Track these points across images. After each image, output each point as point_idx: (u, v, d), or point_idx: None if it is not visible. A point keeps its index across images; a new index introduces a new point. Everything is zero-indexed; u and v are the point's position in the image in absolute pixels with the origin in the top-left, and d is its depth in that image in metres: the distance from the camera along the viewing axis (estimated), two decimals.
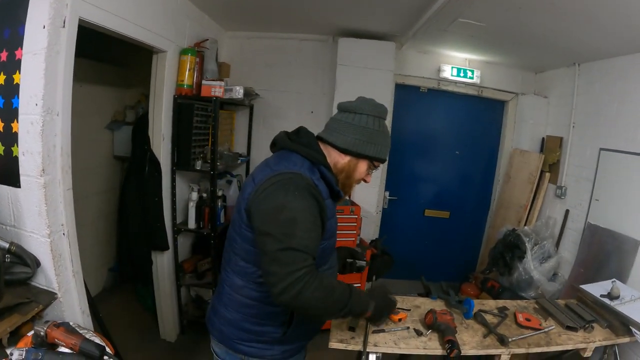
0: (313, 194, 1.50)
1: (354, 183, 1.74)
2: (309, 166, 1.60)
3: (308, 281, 1.38)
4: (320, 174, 1.61)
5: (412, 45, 4.14)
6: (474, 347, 2.04)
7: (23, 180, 1.95)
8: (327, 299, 1.45)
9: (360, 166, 1.70)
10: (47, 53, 1.85)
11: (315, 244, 1.50)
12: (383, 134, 1.69)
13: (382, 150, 1.70)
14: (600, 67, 3.49)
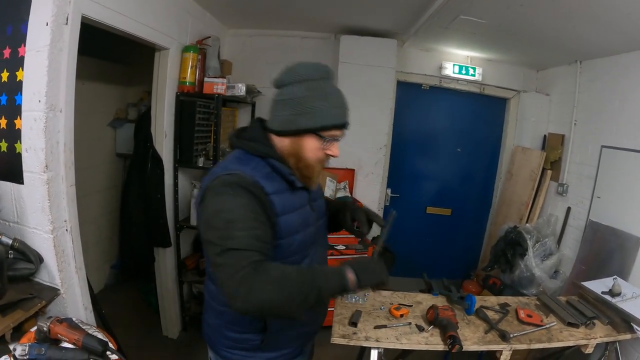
0: (251, 191, 1.37)
1: (313, 164, 1.51)
2: (258, 162, 1.47)
3: (254, 279, 1.23)
4: (271, 168, 1.47)
5: (413, 42, 4.14)
6: (475, 343, 2.04)
7: (26, 176, 1.96)
8: (284, 289, 1.26)
9: (306, 144, 1.47)
10: (50, 50, 1.85)
11: (263, 239, 1.34)
12: (318, 96, 1.43)
13: (323, 115, 1.43)
14: (602, 64, 3.49)
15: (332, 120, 1.45)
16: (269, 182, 1.43)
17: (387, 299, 2.44)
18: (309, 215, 1.61)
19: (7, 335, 1.73)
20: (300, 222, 1.54)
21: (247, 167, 1.43)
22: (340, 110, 1.48)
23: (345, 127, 1.50)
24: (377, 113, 4.18)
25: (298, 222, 1.53)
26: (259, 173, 1.43)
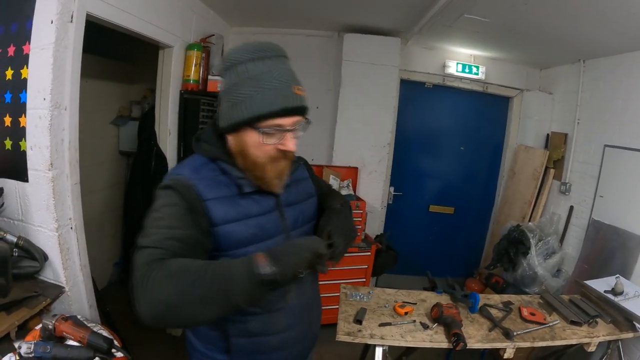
0: (183, 195, 1.22)
1: (262, 162, 1.29)
2: (206, 165, 1.33)
3: (150, 276, 1.04)
4: (221, 171, 1.32)
5: (417, 41, 4.14)
6: (479, 341, 2.05)
7: (31, 174, 1.96)
8: (179, 283, 1.04)
9: (247, 140, 1.27)
10: (55, 48, 1.85)
11: (181, 239, 1.16)
12: (247, 81, 1.22)
13: (253, 103, 1.21)
14: (605, 63, 3.49)
15: (266, 108, 1.21)
16: (211, 187, 1.27)
17: (391, 296, 2.45)
18: (276, 223, 1.39)
19: (12, 333, 1.73)
20: (257, 232, 1.33)
21: (190, 171, 1.30)
22: (277, 93, 1.22)
23: (291, 112, 1.24)
24: (380, 111, 4.19)
25: (251, 231, 1.31)
26: (201, 177, 1.28)
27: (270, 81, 1.22)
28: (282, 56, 1.30)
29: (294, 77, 1.29)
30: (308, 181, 1.61)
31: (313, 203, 1.59)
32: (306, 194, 1.55)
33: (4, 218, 2.05)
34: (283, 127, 1.25)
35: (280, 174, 1.34)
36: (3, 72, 1.96)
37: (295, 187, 1.49)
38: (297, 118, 1.28)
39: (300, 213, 1.49)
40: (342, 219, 1.50)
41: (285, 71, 1.26)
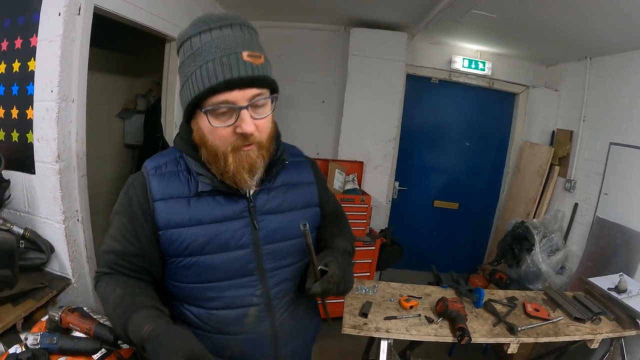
0: (131, 195, 1.17)
1: (222, 151, 1.09)
2: (173, 158, 1.21)
3: (96, 286, 1.20)
4: (186, 165, 1.18)
5: (423, 36, 4.14)
6: (484, 336, 2.06)
7: (38, 166, 1.96)
8: (107, 311, 1.15)
9: (200, 124, 1.11)
10: (63, 40, 1.84)
11: (118, 253, 1.17)
12: (190, 58, 1.06)
13: (193, 81, 1.04)
14: (612, 61, 3.48)
15: (204, 83, 1.02)
16: (166, 186, 1.16)
17: (396, 290, 2.46)
18: (243, 232, 1.19)
19: (18, 324, 1.74)
20: (210, 240, 1.16)
21: (154, 165, 1.19)
22: (218, 63, 1.02)
23: (239, 84, 1.03)
24: (386, 106, 4.19)
25: (201, 239, 1.16)
26: (161, 173, 1.17)
27: (211, 51, 1.03)
28: (236, 24, 1.07)
29: (247, 43, 1.06)
30: (311, 187, 1.37)
31: (311, 215, 1.34)
32: (302, 202, 1.32)
33: (11, 210, 2.05)
34: (232, 103, 1.04)
35: (250, 166, 1.12)
36: (10, 64, 1.95)
37: (285, 192, 1.28)
38: (252, 91, 1.05)
39: (282, 225, 1.25)
40: (348, 265, 1.30)
41: (233, 38, 1.04)
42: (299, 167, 1.36)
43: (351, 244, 1.47)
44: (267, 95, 1.10)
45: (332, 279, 1.19)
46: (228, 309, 1.21)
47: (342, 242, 1.39)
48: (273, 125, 1.20)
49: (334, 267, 1.20)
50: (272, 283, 1.25)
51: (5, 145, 2.00)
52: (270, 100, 1.13)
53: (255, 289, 1.22)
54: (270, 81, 1.10)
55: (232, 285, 1.20)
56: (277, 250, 1.24)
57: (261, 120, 1.11)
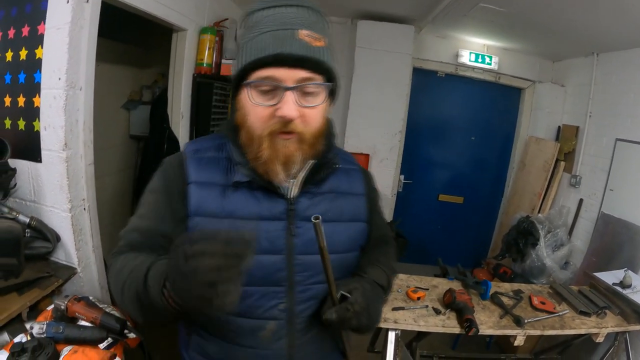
0: (168, 174, 1.10)
1: (258, 134, 0.98)
2: (214, 142, 1.13)
3: (109, 270, 1.04)
4: (227, 152, 1.09)
5: (431, 29, 4.13)
6: (490, 327, 2.07)
7: (44, 154, 1.95)
8: (119, 285, 0.98)
9: (243, 101, 1.01)
10: (71, 28, 1.84)
11: (144, 231, 1.06)
12: (248, 30, 0.99)
13: (246, 52, 0.96)
14: (618, 57, 3.47)
15: (253, 55, 0.94)
16: (203, 169, 1.07)
17: (403, 282, 2.47)
18: (278, 236, 1.06)
19: (23, 313, 1.74)
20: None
21: (194, 148, 1.12)
22: (271, 36, 0.93)
23: (290, 62, 0.93)
24: (392, 99, 4.18)
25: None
26: (200, 156, 1.09)
27: (268, 24, 0.95)
28: (304, 6, 0.99)
29: (308, 23, 0.96)
30: (360, 200, 1.21)
31: (356, 231, 1.19)
32: (348, 214, 1.16)
33: (17, 199, 2.05)
34: (278, 81, 0.94)
35: (285, 158, 0.99)
36: (17, 52, 1.95)
37: (332, 200, 1.13)
38: (302, 73, 0.94)
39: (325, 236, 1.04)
40: (376, 298, 1.12)
41: (295, 15, 0.96)
42: (350, 176, 1.21)
43: (388, 278, 1.25)
44: (319, 82, 0.98)
45: (353, 307, 0.99)
46: (245, 317, 1.07)
47: (377, 272, 1.19)
48: (325, 121, 1.07)
49: (358, 295, 1.02)
50: (299, 299, 1.09)
51: (12, 134, 2.00)
52: (324, 90, 1.01)
53: (280, 301, 1.07)
54: (326, 68, 0.98)
55: (254, 293, 1.05)
56: (311, 263, 1.07)
57: (308, 109, 0.98)
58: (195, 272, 0.71)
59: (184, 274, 0.74)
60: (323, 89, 1.00)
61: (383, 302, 1.20)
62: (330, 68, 0.99)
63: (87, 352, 1.58)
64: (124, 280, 0.95)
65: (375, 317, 1.09)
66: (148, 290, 0.87)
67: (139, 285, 0.89)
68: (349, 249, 1.16)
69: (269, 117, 0.96)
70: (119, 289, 0.97)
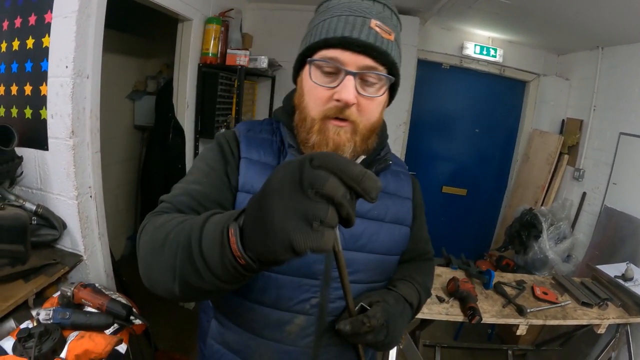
0: (222, 145, 1.05)
1: (311, 115, 0.96)
2: (268, 125, 1.12)
3: (142, 230, 0.87)
4: (281, 135, 1.08)
5: (436, 21, 4.10)
6: (493, 316, 2.08)
7: (51, 142, 1.97)
8: (156, 241, 0.79)
9: (303, 80, 1.00)
10: (78, 16, 1.85)
11: (196, 196, 0.95)
12: (321, 12, 1.00)
13: (315, 33, 0.96)
14: (623, 51, 3.46)
15: (321, 34, 0.93)
16: (254, 148, 1.04)
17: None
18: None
19: (29, 300, 1.75)
20: None
21: (247, 127, 1.10)
22: (342, 20, 0.92)
23: (355, 48, 0.90)
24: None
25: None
26: (252, 135, 1.07)
27: (341, 9, 0.94)
28: (379, 1, 0.99)
29: (382, 17, 0.95)
30: (406, 204, 1.16)
31: (399, 234, 1.13)
32: (393, 216, 1.11)
33: (23, 187, 2.07)
34: (340, 63, 0.91)
35: (335, 147, 0.95)
36: (24, 41, 1.96)
37: (380, 198, 1.00)
38: (366, 60, 0.92)
39: (366, 233, 1.05)
40: (399, 315, 1.03)
41: (368, 6, 0.95)
42: (399, 178, 1.17)
43: (420, 298, 1.16)
44: (382, 73, 0.94)
45: (370, 321, 0.91)
46: (273, 307, 1.01)
47: (408, 289, 1.11)
48: (380, 117, 1.03)
49: (378, 310, 0.95)
50: (334, 296, 1.02)
51: (19, 122, 2.01)
52: (385, 84, 0.97)
53: (313, 295, 1.01)
54: (391, 61, 0.95)
55: (287, 283, 0.99)
56: (351, 259, 1.01)
57: (367, 99, 0.95)
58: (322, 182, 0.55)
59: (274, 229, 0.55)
60: (384, 82, 0.96)
61: (407, 320, 1.11)
62: (395, 62, 0.96)
63: (93, 337, 1.59)
64: (167, 231, 0.77)
65: (395, 335, 0.99)
66: (203, 237, 0.68)
67: (193, 232, 0.70)
68: (389, 251, 1.11)
69: (326, 99, 0.94)
70: (158, 244, 0.77)
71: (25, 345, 1.47)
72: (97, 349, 1.55)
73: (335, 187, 0.55)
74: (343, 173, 0.56)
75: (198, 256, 0.68)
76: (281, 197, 0.57)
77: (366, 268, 1.06)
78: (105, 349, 1.56)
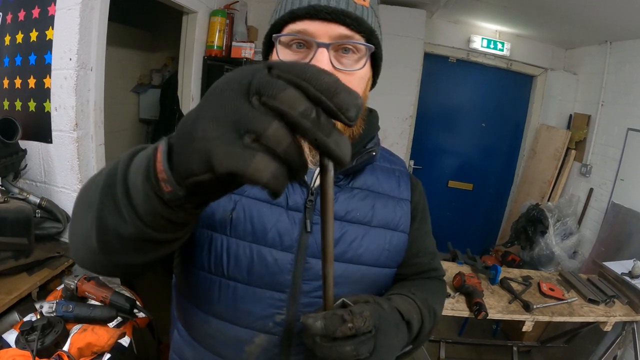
0: None
1: None
2: None
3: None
4: None
5: (443, 14, 4.08)
6: (499, 312, 2.07)
7: (55, 135, 1.98)
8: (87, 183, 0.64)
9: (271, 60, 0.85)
10: (82, 8, 1.85)
11: None
12: None
13: (279, 8, 0.83)
14: (632, 46, 3.42)
15: (286, 7, 0.81)
16: None
17: None
18: (289, 229, 0.85)
19: (33, 293, 1.76)
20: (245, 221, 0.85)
21: None
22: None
23: (325, 16, 0.77)
24: (404, 83, 4.12)
25: (236, 215, 0.85)
26: None
27: None
28: None
29: None
30: (403, 206, 0.98)
31: (391, 241, 0.94)
32: (381, 219, 0.93)
33: (27, 180, 2.08)
34: (309, 35, 0.78)
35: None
36: (27, 34, 1.97)
37: (363, 198, 0.92)
38: (340, 29, 0.78)
39: (345, 239, 0.88)
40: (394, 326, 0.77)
41: None
42: (392, 176, 1.00)
43: (421, 319, 0.87)
44: (359, 41, 0.80)
45: (352, 320, 0.66)
46: (232, 323, 0.86)
47: (405, 304, 0.85)
48: (365, 95, 0.88)
49: (366, 309, 0.70)
50: (303, 313, 0.75)
51: (22, 115, 2.02)
52: (365, 54, 0.82)
53: (278, 311, 0.85)
54: (369, 28, 0.81)
55: (248, 294, 0.85)
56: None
57: (345, 74, 0.80)
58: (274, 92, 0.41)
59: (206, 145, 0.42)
60: (364, 53, 0.82)
61: (402, 341, 0.80)
62: (374, 30, 0.82)
63: (96, 330, 1.59)
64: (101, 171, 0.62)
65: (383, 354, 0.72)
66: (134, 161, 0.54)
67: (123, 158, 0.56)
68: (377, 262, 0.92)
69: None
70: (87, 186, 0.63)
71: (28, 338, 1.47)
72: (100, 342, 1.55)
73: (292, 99, 0.40)
74: (309, 83, 0.41)
75: (121, 182, 0.53)
76: (218, 101, 0.43)
77: (345, 282, 0.87)
78: (108, 342, 1.56)
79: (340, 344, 0.66)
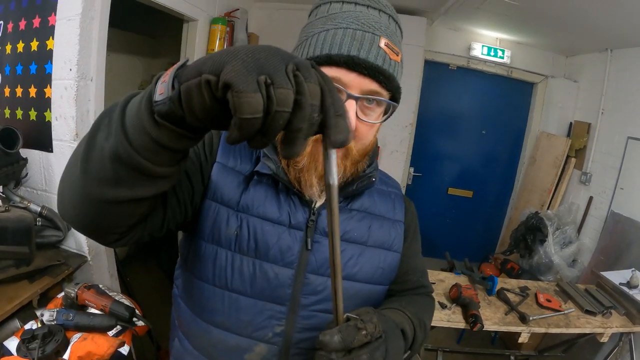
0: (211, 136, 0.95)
1: None
2: None
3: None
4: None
5: (443, 21, 4.08)
6: (495, 323, 2.07)
7: (56, 144, 1.99)
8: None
9: None
10: (82, 19, 1.85)
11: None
12: (323, 18, 0.87)
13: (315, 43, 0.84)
14: (632, 54, 3.42)
15: (324, 48, 0.82)
16: (233, 152, 0.94)
17: None
18: (290, 246, 0.91)
19: (34, 301, 1.77)
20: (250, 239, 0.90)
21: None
22: (349, 35, 0.81)
23: (362, 69, 0.80)
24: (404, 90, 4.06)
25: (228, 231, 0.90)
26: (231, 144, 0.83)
27: (348, 20, 0.83)
28: (385, 13, 0.88)
29: (390, 33, 0.85)
30: (397, 227, 1.04)
31: (385, 260, 1.00)
32: (377, 240, 0.99)
33: (28, 188, 2.09)
34: (343, 84, 0.81)
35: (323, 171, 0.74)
36: (28, 43, 1.98)
37: (360, 219, 0.98)
38: (372, 85, 0.82)
39: (343, 257, 0.93)
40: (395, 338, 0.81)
41: (376, 20, 0.84)
42: (388, 198, 1.06)
43: (413, 329, 0.93)
44: (386, 99, 0.86)
45: (365, 326, 0.72)
46: (232, 332, 0.91)
47: (397, 316, 0.91)
48: (374, 140, 0.95)
49: (373, 316, 0.75)
50: (301, 325, 0.92)
51: (23, 124, 2.03)
52: (384, 108, 0.89)
53: (278, 323, 0.91)
54: (396, 86, 0.87)
55: (249, 305, 0.90)
56: (322, 286, 0.92)
57: (365, 125, 0.87)
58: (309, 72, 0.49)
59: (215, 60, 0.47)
60: (384, 108, 0.89)
61: (402, 350, 0.86)
62: (400, 87, 0.89)
63: (96, 339, 1.60)
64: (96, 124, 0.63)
65: (394, 356, 0.77)
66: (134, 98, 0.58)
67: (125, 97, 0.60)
68: (371, 279, 0.98)
69: None
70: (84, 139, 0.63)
71: (29, 346, 1.49)
72: (99, 351, 1.56)
73: (316, 93, 0.48)
74: (333, 99, 0.50)
75: (123, 103, 0.58)
76: (252, 54, 0.47)
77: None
78: (108, 351, 1.58)
79: (356, 354, 0.70)
